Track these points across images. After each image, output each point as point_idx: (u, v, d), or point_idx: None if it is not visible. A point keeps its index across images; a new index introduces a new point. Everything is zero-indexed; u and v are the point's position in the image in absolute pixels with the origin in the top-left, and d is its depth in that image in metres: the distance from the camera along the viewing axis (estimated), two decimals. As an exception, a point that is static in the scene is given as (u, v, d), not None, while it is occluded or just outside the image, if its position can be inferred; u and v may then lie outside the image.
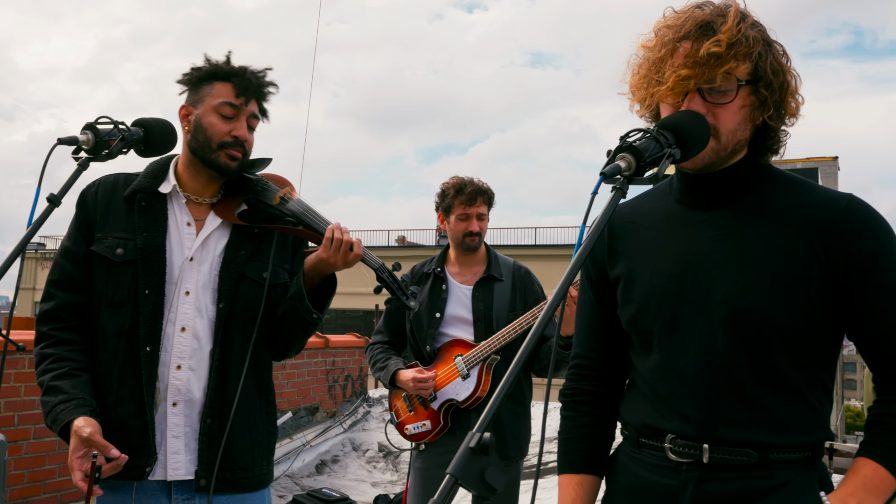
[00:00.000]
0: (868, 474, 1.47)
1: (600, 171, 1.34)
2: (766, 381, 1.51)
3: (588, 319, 1.79)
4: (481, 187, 3.36)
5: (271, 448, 2.22)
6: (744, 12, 1.53)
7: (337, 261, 2.06)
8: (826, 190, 1.58)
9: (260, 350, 2.16)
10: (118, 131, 1.86)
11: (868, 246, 1.49)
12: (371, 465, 7.26)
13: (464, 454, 1.13)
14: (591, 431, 1.76)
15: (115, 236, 2.09)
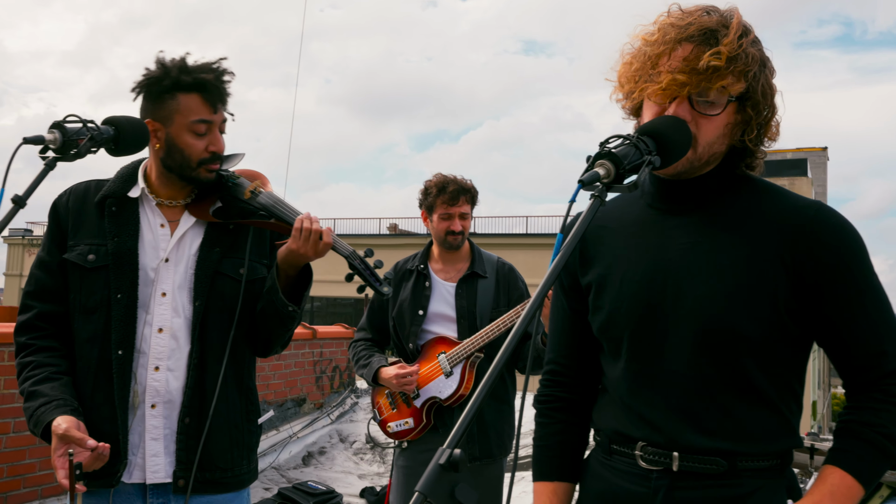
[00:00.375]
0: (835, 482, 1.47)
1: (578, 179, 1.32)
2: (735, 390, 1.51)
3: (561, 326, 1.78)
4: (464, 186, 3.33)
5: (252, 447, 2.20)
6: (746, 27, 1.50)
7: (308, 251, 2.02)
8: (796, 197, 1.57)
9: (240, 348, 2.14)
10: (87, 130, 1.80)
11: (835, 254, 1.49)
12: (358, 456, 7.25)
13: (433, 471, 1.11)
14: (565, 438, 1.75)
15: (86, 243, 2.09)
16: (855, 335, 1.50)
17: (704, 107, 1.48)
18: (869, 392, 1.51)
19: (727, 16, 1.50)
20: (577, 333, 1.74)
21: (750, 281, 1.49)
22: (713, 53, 1.43)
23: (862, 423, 1.49)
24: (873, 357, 1.50)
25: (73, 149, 1.77)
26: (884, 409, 1.48)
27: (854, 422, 1.51)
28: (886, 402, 1.48)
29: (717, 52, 1.43)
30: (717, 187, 1.58)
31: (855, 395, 1.54)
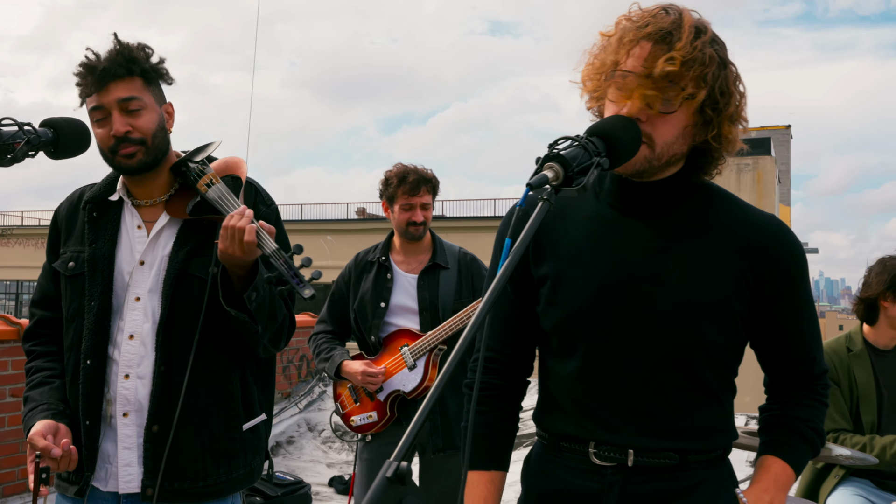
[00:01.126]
0: (777, 471, 1.61)
1: (526, 183, 1.30)
2: (689, 392, 1.57)
3: (504, 314, 1.73)
4: (424, 176, 3.30)
5: (234, 454, 2.07)
6: (700, 27, 1.47)
7: (234, 250, 1.88)
8: (754, 210, 1.62)
9: (215, 351, 2.03)
10: (23, 133, 1.74)
11: (790, 271, 1.58)
12: (327, 445, 7.24)
13: (380, 484, 1.09)
14: (500, 427, 1.74)
15: (71, 250, 2.08)
16: (795, 343, 1.65)
17: (659, 105, 1.46)
18: (798, 391, 1.67)
19: (683, 16, 1.48)
20: (519, 322, 1.71)
21: (714, 291, 1.54)
22: (668, 59, 1.42)
23: (796, 417, 1.65)
24: (806, 362, 1.66)
25: (9, 153, 1.71)
26: (812, 406, 1.66)
27: (789, 416, 1.66)
28: (813, 401, 1.66)
29: (671, 57, 1.42)
30: (677, 193, 1.58)
31: (783, 392, 1.69)
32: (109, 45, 2.00)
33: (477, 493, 1.69)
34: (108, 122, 1.97)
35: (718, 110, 1.49)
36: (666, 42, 1.44)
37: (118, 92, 1.97)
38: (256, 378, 2.15)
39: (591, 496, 1.58)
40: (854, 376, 3.28)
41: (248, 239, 1.86)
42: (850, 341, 3.38)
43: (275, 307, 2.00)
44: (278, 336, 2.07)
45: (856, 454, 2.84)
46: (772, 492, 1.58)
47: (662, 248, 1.56)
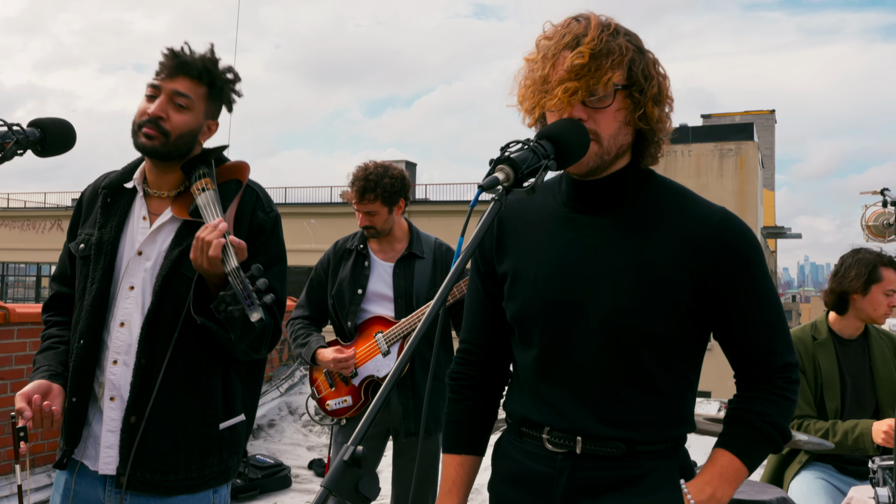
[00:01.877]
0: (724, 464, 1.63)
1: (478, 184, 1.38)
2: (635, 382, 1.62)
3: (475, 308, 1.86)
4: (367, 185, 3.31)
5: (209, 452, 2.09)
6: (605, 23, 1.58)
7: (201, 261, 1.93)
8: (702, 202, 1.67)
9: (195, 350, 2.06)
10: (12, 133, 1.81)
11: (737, 262, 1.61)
12: (307, 428, 7.32)
13: (338, 467, 1.17)
14: (473, 415, 1.84)
15: (86, 232, 2.16)
16: (751, 335, 1.66)
17: (595, 102, 1.56)
18: (759, 384, 1.68)
19: (587, 19, 1.58)
20: (489, 316, 1.82)
21: (654, 282, 1.59)
22: (576, 53, 1.52)
23: (750, 411, 1.66)
24: (764, 354, 1.66)
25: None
26: (770, 399, 1.65)
27: (743, 410, 1.67)
28: (773, 394, 1.66)
29: (580, 51, 1.52)
30: (626, 188, 1.66)
31: (745, 386, 1.70)
32: (205, 51, 2.15)
33: (446, 474, 1.82)
34: (152, 101, 2.08)
35: (645, 94, 1.58)
36: (579, 45, 1.54)
37: (178, 84, 2.09)
38: (243, 377, 2.18)
39: (544, 480, 1.66)
40: (819, 364, 3.35)
41: (212, 254, 1.90)
42: (816, 330, 3.45)
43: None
44: (257, 344, 2.06)
45: (813, 439, 2.94)
46: (714, 484, 1.61)
47: (609, 241, 1.63)
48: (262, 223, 2.14)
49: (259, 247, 2.11)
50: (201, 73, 2.11)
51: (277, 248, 2.18)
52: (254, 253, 2.07)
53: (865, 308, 3.32)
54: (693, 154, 28.01)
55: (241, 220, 2.12)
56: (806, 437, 2.91)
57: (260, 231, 2.14)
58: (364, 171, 3.35)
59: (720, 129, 29.52)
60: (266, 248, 2.14)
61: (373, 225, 3.36)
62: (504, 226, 1.78)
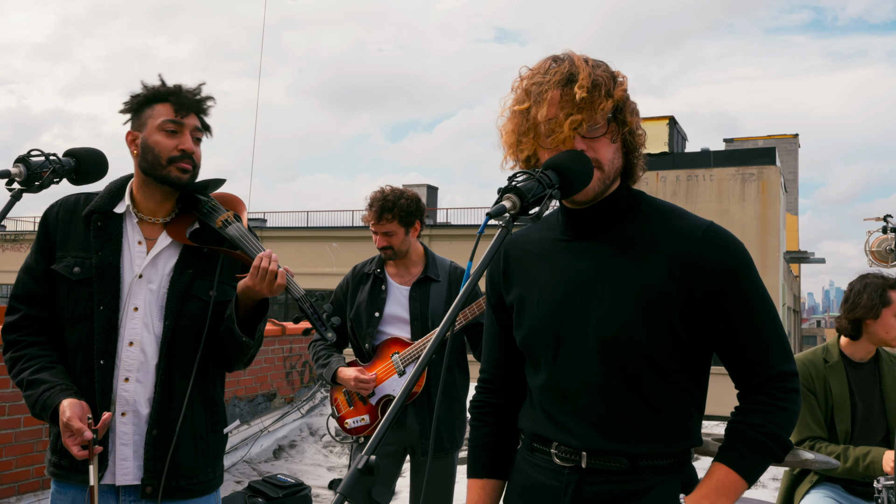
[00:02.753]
0: (720, 478, 1.67)
1: (486, 212, 1.48)
2: (636, 399, 1.69)
3: (491, 339, 1.97)
4: (385, 205, 3.45)
5: (217, 455, 2.34)
6: (586, 59, 1.69)
7: (263, 288, 2.13)
8: (688, 218, 1.74)
9: (205, 364, 2.26)
10: (49, 163, 1.94)
11: (721, 271, 1.67)
12: (328, 449, 7.40)
13: (352, 475, 1.27)
14: (495, 440, 1.94)
15: (73, 255, 2.22)
16: (742, 344, 1.69)
17: (592, 131, 1.66)
18: (754, 395, 1.71)
19: (569, 58, 1.69)
20: (504, 346, 1.92)
21: (646, 299, 1.67)
22: (579, 86, 1.62)
23: (746, 423, 1.69)
24: (757, 364, 1.69)
25: (38, 181, 1.91)
26: (766, 410, 1.68)
27: (740, 423, 1.70)
28: (768, 405, 1.68)
29: (581, 85, 1.62)
30: (615, 213, 1.75)
31: (743, 398, 1.74)
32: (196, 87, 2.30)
33: (470, 497, 1.93)
34: (177, 137, 2.23)
35: (622, 112, 1.70)
36: (571, 82, 1.64)
37: (194, 121, 2.26)
38: (223, 389, 2.43)
39: (553, 493, 1.75)
40: (829, 387, 3.38)
41: (281, 282, 2.13)
42: (827, 353, 3.47)
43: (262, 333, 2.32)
44: (252, 358, 2.35)
45: (819, 457, 2.98)
46: (711, 497, 1.64)
47: (602, 264, 1.72)
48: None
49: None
50: (200, 107, 2.28)
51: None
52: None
53: (878, 332, 3.35)
54: (715, 178, 27.91)
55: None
56: (812, 456, 2.96)
57: None
58: (381, 193, 3.50)
59: (742, 154, 29.40)
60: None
61: (390, 245, 3.48)
62: (509, 259, 1.89)
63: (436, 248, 26.86)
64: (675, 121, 29.71)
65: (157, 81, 2.27)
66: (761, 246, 26.13)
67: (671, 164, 27.64)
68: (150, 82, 2.27)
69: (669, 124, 29.11)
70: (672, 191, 26.96)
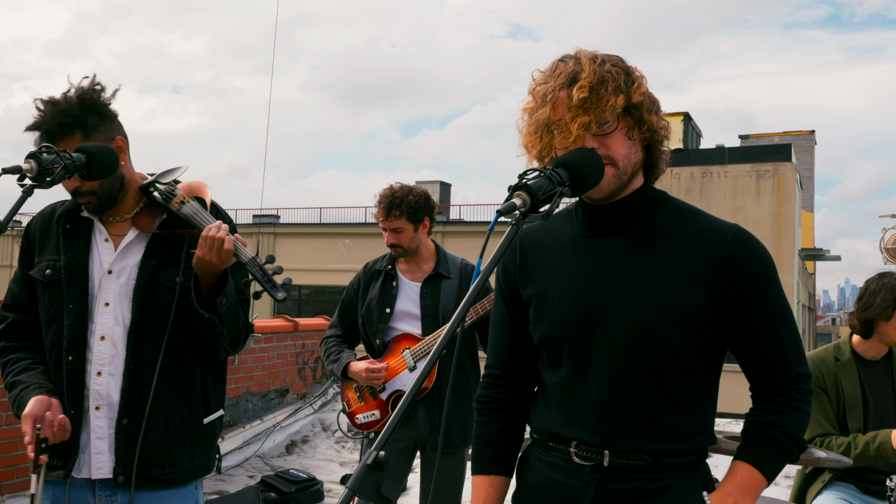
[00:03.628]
0: (744, 476, 1.69)
1: (497, 210, 1.48)
2: (660, 396, 1.70)
3: (500, 333, 1.94)
4: (393, 202, 3.47)
5: (196, 444, 2.30)
6: (593, 56, 1.69)
7: (212, 258, 2.11)
8: (714, 220, 1.75)
9: (180, 352, 2.25)
10: (60, 159, 1.95)
11: (750, 275, 1.69)
12: (340, 444, 7.43)
13: (361, 470, 1.27)
14: (502, 437, 1.92)
15: (46, 259, 2.27)
16: (764, 345, 1.72)
17: (601, 128, 1.66)
18: (773, 396, 1.73)
19: (577, 56, 1.69)
20: (515, 341, 1.91)
21: (675, 297, 1.67)
22: (578, 88, 1.63)
23: (766, 423, 1.72)
24: (778, 365, 1.72)
25: (49, 177, 1.91)
26: (784, 411, 1.71)
27: (760, 422, 1.73)
28: (787, 406, 1.72)
29: (581, 86, 1.63)
30: (641, 210, 1.75)
31: (760, 398, 1.76)
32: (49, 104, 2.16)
33: (478, 494, 1.90)
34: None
35: (638, 107, 1.69)
36: (575, 82, 1.64)
37: (69, 145, 2.12)
38: (213, 379, 2.37)
39: (572, 493, 1.74)
40: (841, 385, 3.36)
41: (228, 248, 2.11)
42: (839, 351, 3.46)
43: (238, 312, 2.25)
44: (237, 339, 2.30)
45: (832, 455, 2.97)
46: (735, 495, 1.67)
47: (628, 261, 1.72)
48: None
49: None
50: (63, 129, 2.15)
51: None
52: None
53: (889, 333, 3.32)
54: (730, 175, 27.77)
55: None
56: (825, 454, 2.95)
57: None
58: (390, 190, 3.52)
59: (757, 150, 29.24)
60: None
61: (399, 243, 3.50)
62: (527, 253, 1.87)
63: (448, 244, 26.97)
64: (689, 117, 29.57)
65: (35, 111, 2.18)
66: (776, 243, 25.98)
67: (686, 160, 27.50)
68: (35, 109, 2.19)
69: (684, 120, 28.97)
70: (686, 188, 26.84)
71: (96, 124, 2.20)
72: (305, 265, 30.31)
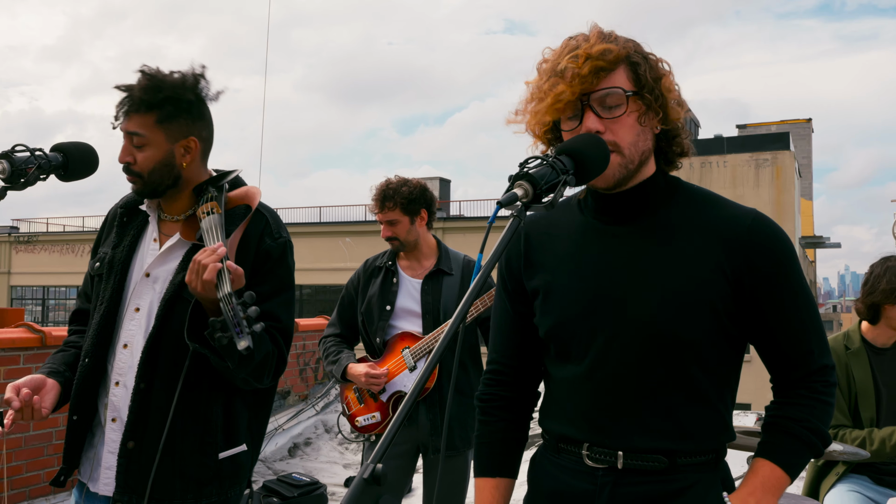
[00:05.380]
0: (766, 474, 1.61)
1: (497, 201, 1.38)
2: (678, 391, 1.60)
3: (503, 327, 1.84)
4: (386, 194, 3.39)
5: (205, 482, 2.03)
6: (603, 31, 1.61)
7: (195, 284, 1.86)
8: (732, 206, 1.66)
9: (196, 377, 2.00)
10: (35, 158, 1.86)
11: (770, 262, 1.60)
12: (343, 446, 7.36)
13: (357, 485, 1.18)
14: (506, 436, 1.83)
15: (102, 251, 2.18)
16: (787, 335, 1.63)
17: (607, 111, 1.57)
18: (796, 389, 1.65)
19: (587, 33, 1.61)
20: (519, 335, 1.80)
21: (691, 288, 1.58)
22: (572, 58, 1.55)
23: (788, 418, 1.63)
24: (801, 356, 1.63)
25: (22, 178, 1.82)
26: (808, 405, 1.62)
27: (782, 417, 1.64)
28: (811, 399, 1.63)
29: (576, 55, 1.55)
30: (653, 198, 1.66)
31: (783, 391, 1.67)
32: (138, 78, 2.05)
33: (481, 497, 1.80)
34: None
35: (657, 95, 1.60)
36: (584, 53, 1.55)
37: (130, 125, 2.04)
38: (250, 405, 2.13)
39: (585, 497, 1.64)
40: (852, 374, 3.31)
41: (206, 277, 1.83)
42: (849, 339, 3.40)
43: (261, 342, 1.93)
44: (259, 372, 2.00)
45: (848, 449, 2.90)
46: (757, 495, 1.59)
47: (641, 251, 1.63)
48: (270, 249, 2.08)
49: (266, 273, 2.06)
50: (141, 104, 2.03)
51: (285, 275, 2.12)
52: (260, 279, 2.02)
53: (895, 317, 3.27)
54: (729, 165, 27.78)
55: (248, 246, 2.05)
56: (841, 448, 2.88)
57: (267, 257, 2.08)
58: (385, 183, 3.44)
59: (756, 139, 29.25)
60: (273, 275, 2.08)
61: (395, 236, 3.41)
62: (531, 242, 1.78)
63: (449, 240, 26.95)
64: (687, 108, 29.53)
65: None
66: (777, 232, 25.97)
67: (684, 151, 27.47)
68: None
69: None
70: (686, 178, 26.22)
71: (173, 115, 2.05)
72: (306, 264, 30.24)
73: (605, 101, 1.56)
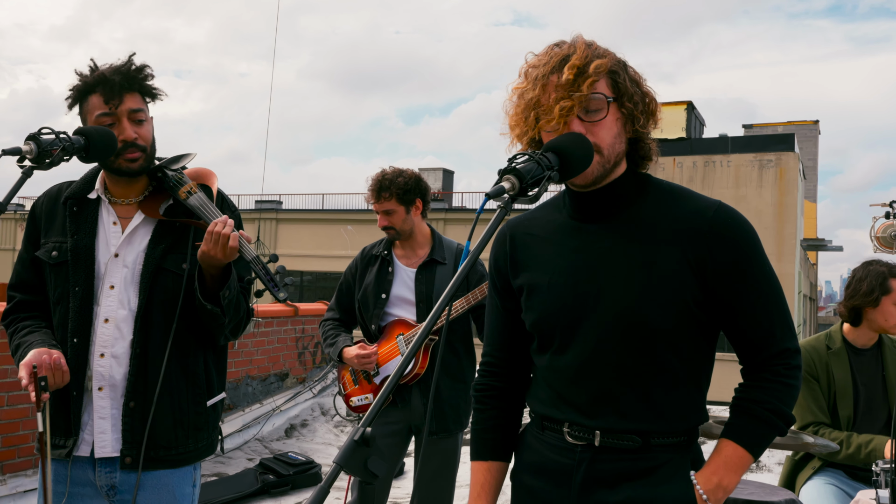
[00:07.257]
0: (729, 454, 1.72)
1: (486, 193, 1.50)
2: (652, 376, 1.73)
3: (495, 323, 1.99)
4: (382, 184, 3.51)
5: (200, 426, 2.35)
6: (588, 42, 1.73)
7: (217, 252, 2.14)
8: (697, 199, 1.77)
9: (185, 337, 2.29)
10: (59, 141, 1.99)
11: (731, 251, 1.71)
12: (339, 429, 7.49)
13: (349, 446, 1.30)
14: (498, 423, 1.97)
15: (52, 241, 2.30)
16: (749, 320, 1.73)
17: (591, 115, 1.70)
18: (760, 372, 1.75)
19: (574, 42, 1.73)
20: (508, 329, 1.95)
21: (660, 280, 1.69)
22: (568, 67, 1.66)
23: (752, 400, 1.74)
24: (763, 340, 1.74)
25: (48, 158, 1.95)
26: (770, 387, 1.73)
27: (746, 399, 1.75)
28: (773, 381, 1.73)
29: (571, 65, 1.66)
30: (624, 195, 1.78)
31: (748, 374, 1.78)
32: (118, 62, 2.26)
33: (475, 479, 1.96)
34: (116, 127, 2.21)
35: (635, 102, 1.73)
36: (567, 63, 1.68)
37: (129, 103, 2.23)
38: (215, 363, 2.43)
39: (564, 470, 1.78)
40: (832, 373, 3.40)
41: (233, 245, 2.15)
42: (830, 339, 3.49)
43: (240, 302, 2.30)
44: (238, 327, 2.35)
45: (819, 441, 3.01)
46: (720, 473, 1.70)
47: (613, 246, 1.75)
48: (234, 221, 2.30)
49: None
50: (135, 84, 2.25)
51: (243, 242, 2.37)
52: None
53: (877, 319, 3.36)
54: (732, 165, 27.74)
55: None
56: (812, 440, 2.98)
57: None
58: (381, 173, 3.56)
59: (760, 140, 29.18)
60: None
61: (391, 225, 3.53)
62: (516, 243, 1.91)
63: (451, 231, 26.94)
64: (692, 106, 29.51)
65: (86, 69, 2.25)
66: (777, 233, 25.99)
67: (688, 149, 27.48)
68: (84, 70, 2.25)
69: (687, 109, 28.92)
70: (689, 176, 26.83)
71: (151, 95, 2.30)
72: (307, 251, 30.35)
73: (589, 106, 1.69)
